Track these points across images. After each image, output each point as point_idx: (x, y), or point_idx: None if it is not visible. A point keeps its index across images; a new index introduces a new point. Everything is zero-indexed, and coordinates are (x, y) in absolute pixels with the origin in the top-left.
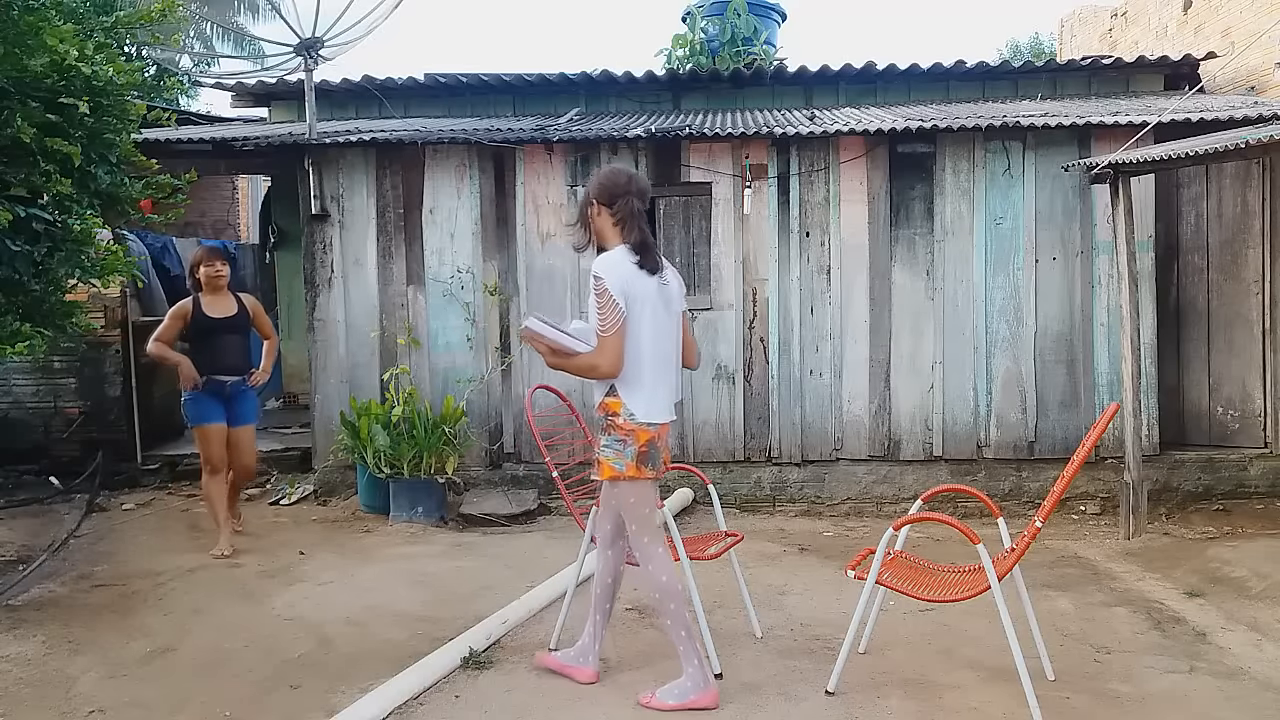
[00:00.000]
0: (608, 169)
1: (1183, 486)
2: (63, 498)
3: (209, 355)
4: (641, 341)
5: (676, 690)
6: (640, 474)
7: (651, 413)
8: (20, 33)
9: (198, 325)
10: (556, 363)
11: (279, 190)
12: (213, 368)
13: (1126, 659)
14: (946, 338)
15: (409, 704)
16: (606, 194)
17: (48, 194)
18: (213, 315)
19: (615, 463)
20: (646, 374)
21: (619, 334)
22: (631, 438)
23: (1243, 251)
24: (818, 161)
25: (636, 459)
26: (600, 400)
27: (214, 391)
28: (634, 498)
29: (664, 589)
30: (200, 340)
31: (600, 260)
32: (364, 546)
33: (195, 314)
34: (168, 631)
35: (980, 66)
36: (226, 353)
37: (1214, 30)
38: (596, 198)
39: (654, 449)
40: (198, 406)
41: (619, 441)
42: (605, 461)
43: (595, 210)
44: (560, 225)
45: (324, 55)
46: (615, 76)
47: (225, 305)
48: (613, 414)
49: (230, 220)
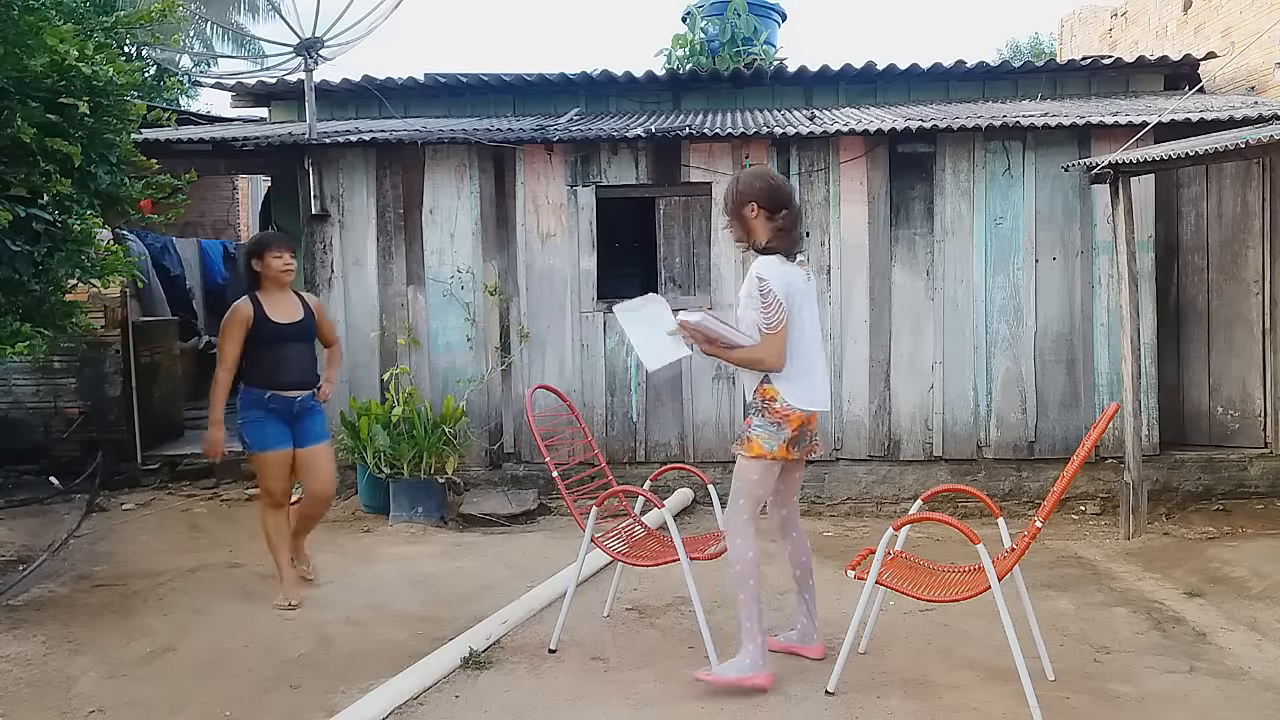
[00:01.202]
0: (767, 174)
1: (1183, 486)
2: (63, 498)
3: (273, 368)
4: (801, 335)
5: (735, 667)
6: (788, 456)
7: (807, 400)
8: (20, 33)
9: (261, 334)
10: (713, 351)
11: (279, 190)
12: (278, 383)
13: (1126, 659)
14: (946, 338)
15: (409, 704)
16: (773, 201)
17: (48, 194)
18: (278, 321)
19: (767, 443)
20: (803, 364)
21: (783, 331)
22: (785, 422)
23: (1243, 251)
24: (818, 161)
25: (788, 442)
26: (756, 387)
27: (278, 411)
28: (758, 476)
29: (748, 565)
30: (263, 350)
31: (763, 264)
32: (364, 546)
33: (258, 319)
34: (168, 631)
35: (980, 66)
36: (295, 365)
37: (1214, 30)
38: (760, 202)
39: (804, 434)
40: (260, 430)
41: (774, 425)
42: (756, 440)
43: (755, 212)
44: (560, 225)
45: (324, 55)
46: (615, 76)
47: (290, 307)
48: (769, 399)
49: (230, 220)
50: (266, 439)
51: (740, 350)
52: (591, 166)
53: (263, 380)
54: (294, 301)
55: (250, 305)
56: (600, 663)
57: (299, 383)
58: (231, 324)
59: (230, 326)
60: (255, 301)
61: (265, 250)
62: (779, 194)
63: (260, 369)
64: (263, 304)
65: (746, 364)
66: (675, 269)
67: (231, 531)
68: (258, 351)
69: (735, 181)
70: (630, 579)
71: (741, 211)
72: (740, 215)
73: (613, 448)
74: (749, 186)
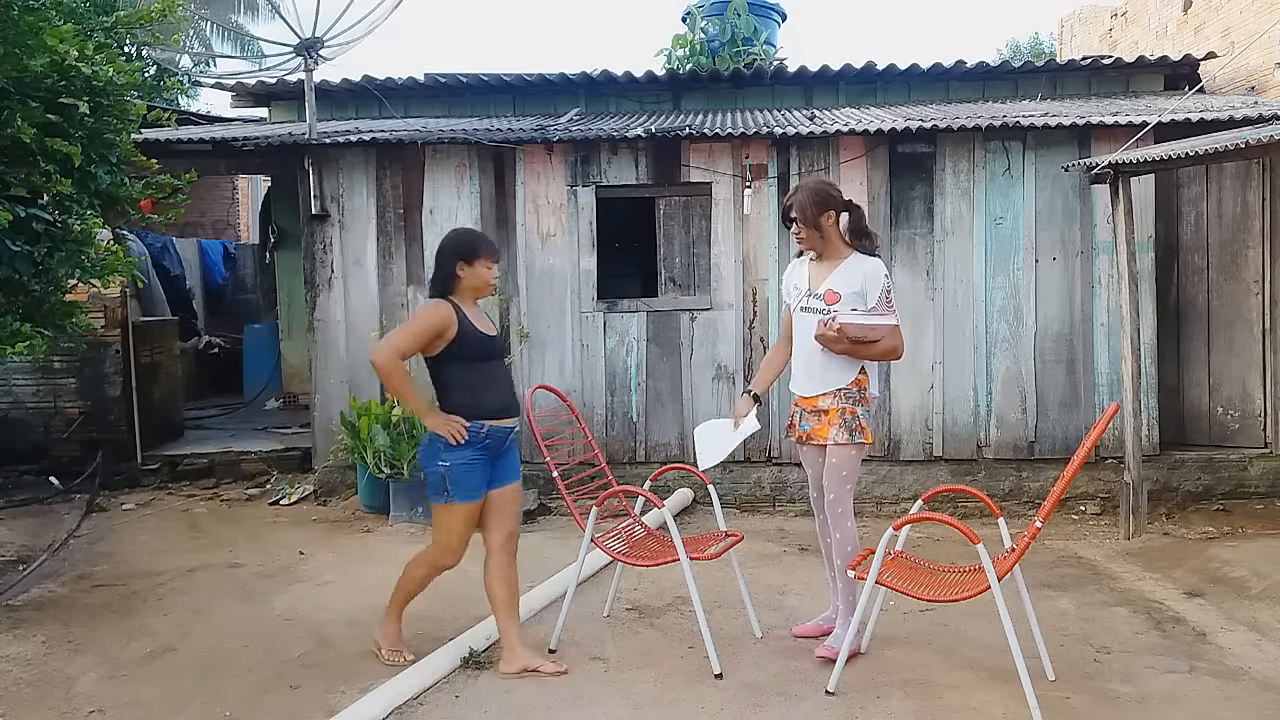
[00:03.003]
0: (833, 184)
1: (1183, 486)
2: (63, 498)
3: (483, 390)
4: None
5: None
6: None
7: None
8: (20, 33)
9: (468, 348)
10: (849, 350)
11: (279, 190)
12: (491, 409)
13: (1126, 659)
14: (946, 338)
15: (409, 704)
16: (847, 206)
17: (48, 194)
18: (485, 333)
19: (872, 430)
20: None
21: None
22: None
23: (1243, 251)
24: (818, 161)
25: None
26: (854, 377)
27: (492, 448)
28: (856, 466)
29: (855, 545)
30: (470, 368)
31: (879, 264)
32: (364, 546)
33: (464, 330)
34: (168, 631)
35: (980, 66)
36: (505, 385)
37: (1214, 30)
38: (838, 209)
39: None
40: (470, 476)
41: (867, 411)
42: (868, 427)
43: (831, 219)
44: (560, 225)
45: (324, 55)
46: (615, 76)
47: (484, 319)
48: (864, 388)
49: (230, 220)
50: (475, 487)
51: (883, 342)
52: (591, 166)
53: (474, 406)
54: (483, 313)
55: (454, 310)
56: (600, 663)
57: (510, 407)
58: (430, 322)
59: (425, 319)
60: (457, 309)
61: (479, 255)
62: (848, 200)
63: (467, 391)
64: (466, 314)
65: (885, 355)
66: (675, 269)
67: (231, 531)
68: (464, 369)
69: (810, 193)
70: (630, 579)
71: (819, 221)
72: (819, 225)
73: (613, 448)
74: (828, 196)
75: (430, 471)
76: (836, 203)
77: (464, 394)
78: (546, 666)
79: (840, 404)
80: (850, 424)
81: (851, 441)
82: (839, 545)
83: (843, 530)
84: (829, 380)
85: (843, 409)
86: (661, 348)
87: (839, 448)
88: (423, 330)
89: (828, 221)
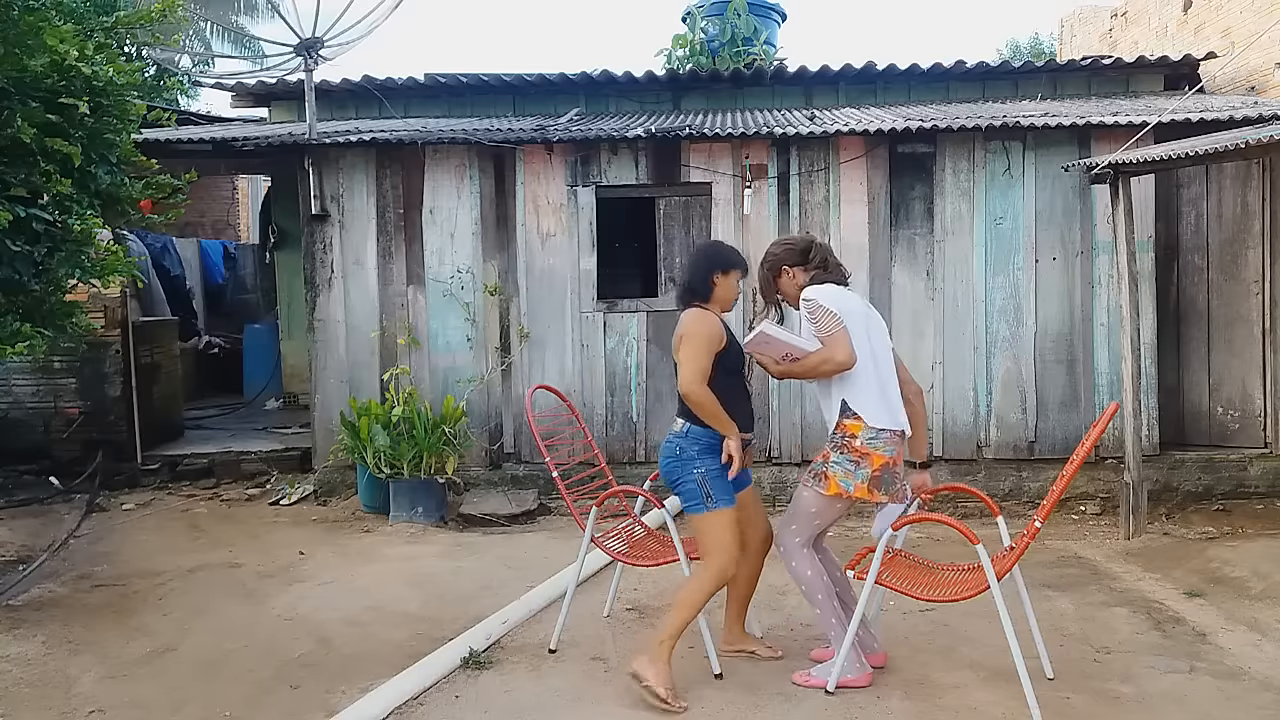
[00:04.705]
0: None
1: (1183, 486)
2: (63, 498)
3: (734, 404)
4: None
5: (832, 671)
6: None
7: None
8: (20, 33)
9: (730, 360)
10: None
11: (279, 190)
12: (741, 422)
13: (1126, 659)
14: (946, 338)
15: (409, 704)
16: (796, 254)
17: (48, 194)
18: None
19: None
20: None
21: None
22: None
23: (1243, 251)
24: (818, 161)
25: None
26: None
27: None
28: (815, 509)
29: (812, 583)
30: (723, 381)
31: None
32: (364, 546)
33: (730, 341)
34: (168, 631)
35: (980, 67)
36: (748, 400)
37: (1214, 30)
38: (789, 262)
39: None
40: (722, 478)
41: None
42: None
43: (790, 274)
44: (560, 225)
45: (324, 55)
46: (615, 76)
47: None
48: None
49: (230, 220)
50: (730, 490)
51: (810, 357)
52: (591, 166)
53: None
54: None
55: (720, 325)
56: (600, 663)
57: (750, 422)
58: (709, 332)
59: (707, 334)
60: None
61: (732, 267)
62: (796, 246)
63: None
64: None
65: (818, 368)
66: (675, 269)
67: (231, 531)
68: (722, 380)
69: (760, 267)
70: (630, 579)
71: (779, 282)
72: (780, 287)
73: (613, 448)
74: (771, 257)
75: (685, 483)
76: (784, 256)
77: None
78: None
79: (827, 446)
80: (817, 468)
81: (810, 486)
82: (796, 585)
83: (790, 571)
84: (829, 420)
85: (823, 449)
86: (661, 348)
87: (801, 486)
88: (708, 344)
89: (788, 277)
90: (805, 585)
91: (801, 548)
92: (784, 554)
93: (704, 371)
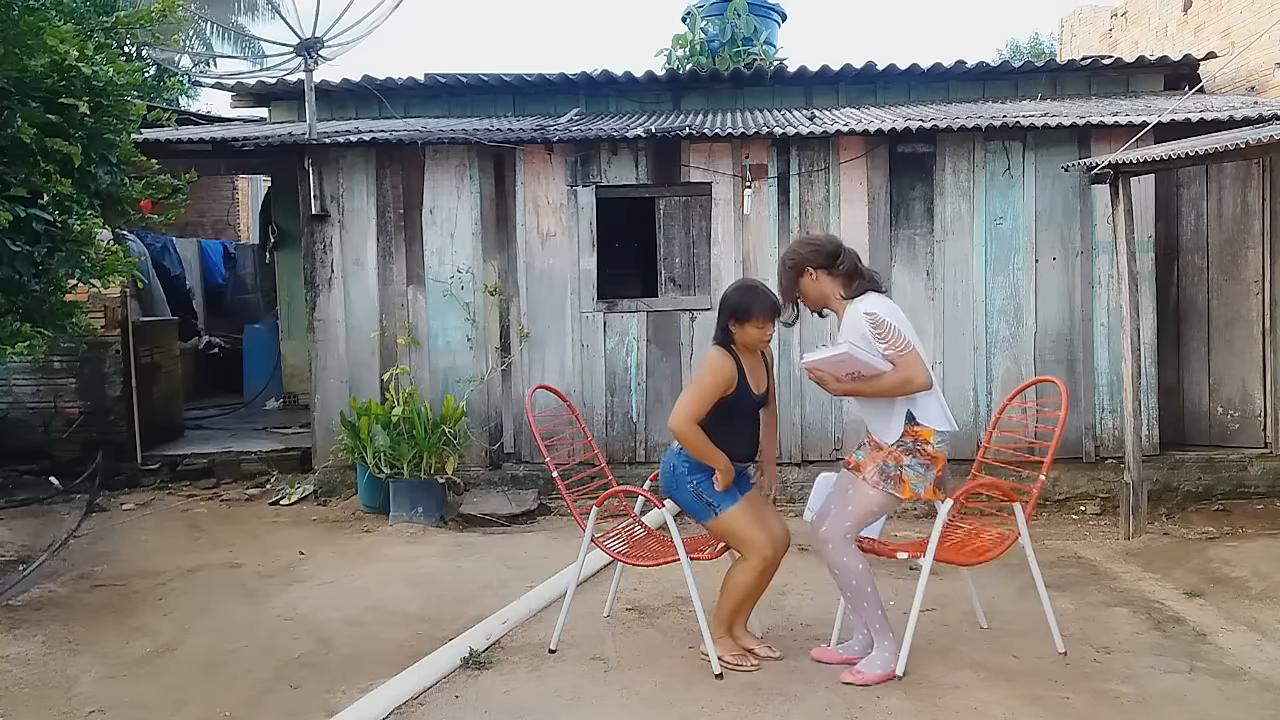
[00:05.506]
0: (801, 239)
1: (1183, 486)
2: (63, 498)
3: (730, 440)
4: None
5: (877, 664)
6: (936, 496)
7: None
8: (20, 33)
9: (737, 404)
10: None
11: (279, 190)
12: (736, 456)
13: (1126, 659)
14: (946, 338)
15: (409, 704)
16: (822, 256)
17: (48, 194)
18: (757, 393)
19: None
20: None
21: (914, 351)
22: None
23: (1243, 251)
24: (818, 161)
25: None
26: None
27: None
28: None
29: (862, 577)
30: (726, 419)
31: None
32: (364, 546)
33: (740, 389)
34: (168, 631)
35: (980, 66)
36: (752, 439)
37: (1214, 30)
38: (813, 264)
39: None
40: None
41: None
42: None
43: (814, 275)
44: (560, 225)
45: (324, 55)
46: (615, 76)
47: (759, 372)
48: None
49: (230, 220)
50: (729, 492)
51: (887, 377)
52: (591, 166)
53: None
54: (761, 367)
55: (734, 365)
56: (600, 663)
57: (752, 455)
58: (714, 381)
59: (712, 382)
60: (738, 363)
61: (750, 318)
62: (824, 248)
63: (719, 436)
64: (744, 368)
65: (895, 389)
66: (675, 269)
67: (231, 531)
68: (723, 418)
69: (781, 263)
70: (630, 579)
71: (801, 282)
72: (802, 288)
73: (613, 448)
74: (796, 256)
75: (684, 498)
76: (809, 258)
77: (714, 436)
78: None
79: (892, 448)
80: (890, 470)
81: (881, 488)
82: (839, 580)
83: (835, 563)
84: (875, 430)
85: (890, 452)
86: (661, 348)
87: (865, 484)
88: (711, 392)
89: (810, 278)
90: (856, 579)
91: (851, 543)
92: (833, 550)
93: (697, 415)
